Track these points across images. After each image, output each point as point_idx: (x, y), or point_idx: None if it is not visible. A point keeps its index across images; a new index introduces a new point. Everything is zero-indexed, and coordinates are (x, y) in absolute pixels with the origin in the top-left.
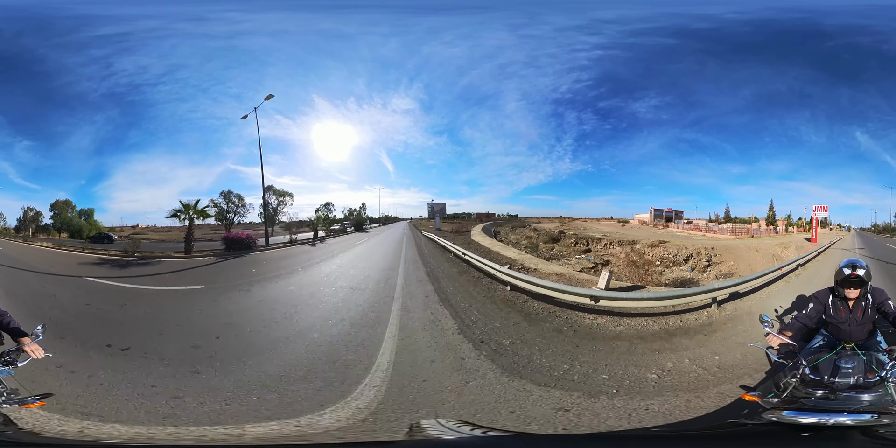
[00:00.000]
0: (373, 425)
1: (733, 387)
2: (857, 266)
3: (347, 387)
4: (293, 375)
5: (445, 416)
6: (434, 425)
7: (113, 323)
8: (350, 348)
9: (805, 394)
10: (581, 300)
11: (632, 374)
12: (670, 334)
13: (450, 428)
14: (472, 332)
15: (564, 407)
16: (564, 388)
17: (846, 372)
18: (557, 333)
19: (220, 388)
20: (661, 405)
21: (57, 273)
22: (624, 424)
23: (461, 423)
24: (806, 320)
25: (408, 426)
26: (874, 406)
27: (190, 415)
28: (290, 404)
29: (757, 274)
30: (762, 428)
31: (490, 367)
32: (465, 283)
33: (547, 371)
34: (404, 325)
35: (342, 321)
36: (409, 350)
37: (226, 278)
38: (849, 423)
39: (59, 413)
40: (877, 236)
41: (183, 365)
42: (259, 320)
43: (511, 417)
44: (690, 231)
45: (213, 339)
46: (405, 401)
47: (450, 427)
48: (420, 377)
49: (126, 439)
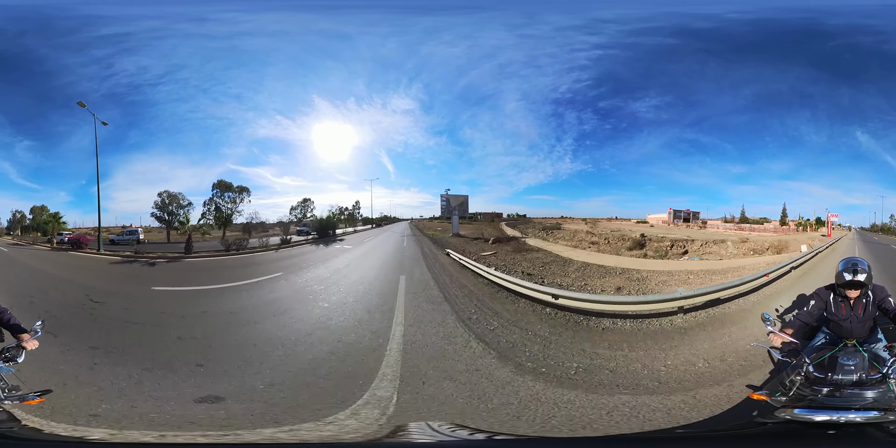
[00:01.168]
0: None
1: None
2: (857, 270)
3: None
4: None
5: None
6: (423, 428)
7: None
8: None
9: (810, 391)
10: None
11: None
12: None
13: (440, 431)
14: None
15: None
16: None
17: (848, 369)
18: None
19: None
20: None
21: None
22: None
23: (456, 426)
24: (807, 318)
25: (392, 428)
26: (878, 403)
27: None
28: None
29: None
30: (783, 427)
31: None
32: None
33: None
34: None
35: None
36: None
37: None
38: (859, 421)
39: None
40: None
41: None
42: None
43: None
44: (734, 230)
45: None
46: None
47: (440, 431)
48: None
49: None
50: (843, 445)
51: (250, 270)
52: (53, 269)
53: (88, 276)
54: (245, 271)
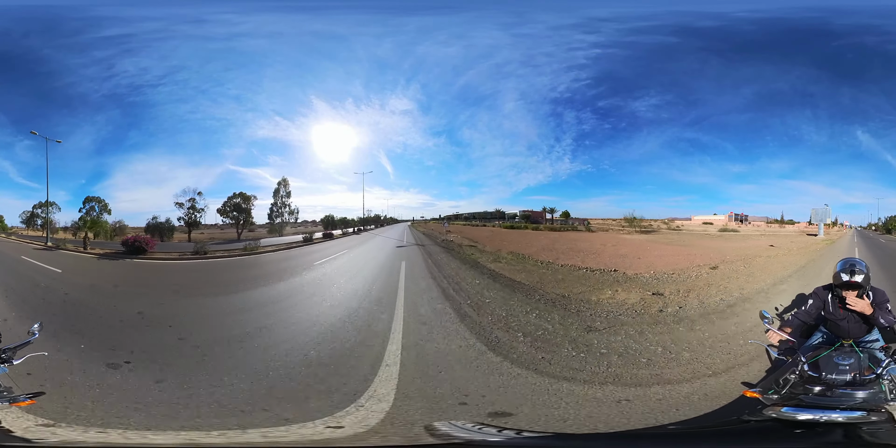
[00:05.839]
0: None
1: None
2: (854, 271)
3: None
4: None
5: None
6: (450, 427)
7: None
8: None
9: (804, 390)
10: None
11: None
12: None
13: (466, 428)
14: None
15: None
16: None
17: (843, 369)
18: None
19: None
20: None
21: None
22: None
23: (475, 423)
24: (805, 317)
25: (423, 427)
26: (867, 403)
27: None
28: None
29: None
30: (762, 424)
31: None
32: None
33: None
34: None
35: None
36: None
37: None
38: (840, 420)
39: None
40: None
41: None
42: None
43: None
44: (800, 227)
45: None
46: None
47: (465, 428)
48: None
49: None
50: (805, 443)
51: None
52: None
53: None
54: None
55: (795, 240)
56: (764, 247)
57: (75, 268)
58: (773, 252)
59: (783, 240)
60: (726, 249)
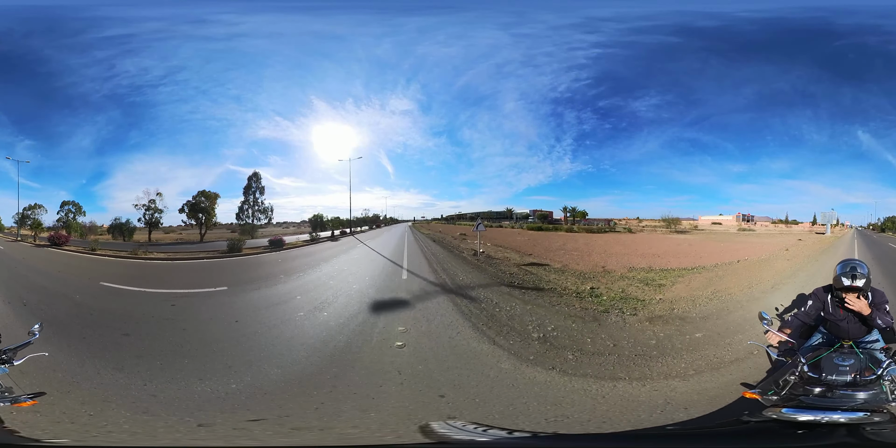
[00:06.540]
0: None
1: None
2: (855, 275)
3: None
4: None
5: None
6: (446, 427)
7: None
8: None
9: (804, 391)
10: None
11: None
12: None
13: (461, 429)
14: None
15: None
16: None
17: (843, 369)
18: None
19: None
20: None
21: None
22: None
23: (471, 423)
24: (805, 318)
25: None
26: (867, 404)
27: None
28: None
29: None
30: (762, 425)
31: None
32: None
33: None
34: None
35: None
36: None
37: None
38: (842, 421)
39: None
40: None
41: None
42: None
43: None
44: (806, 227)
45: None
46: None
47: (460, 428)
48: None
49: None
50: (808, 444)
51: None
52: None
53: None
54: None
55: (810, 237)
56: (793, 242)
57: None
58: (809, 241)
59: (801, 237)
60: (771, 244)
